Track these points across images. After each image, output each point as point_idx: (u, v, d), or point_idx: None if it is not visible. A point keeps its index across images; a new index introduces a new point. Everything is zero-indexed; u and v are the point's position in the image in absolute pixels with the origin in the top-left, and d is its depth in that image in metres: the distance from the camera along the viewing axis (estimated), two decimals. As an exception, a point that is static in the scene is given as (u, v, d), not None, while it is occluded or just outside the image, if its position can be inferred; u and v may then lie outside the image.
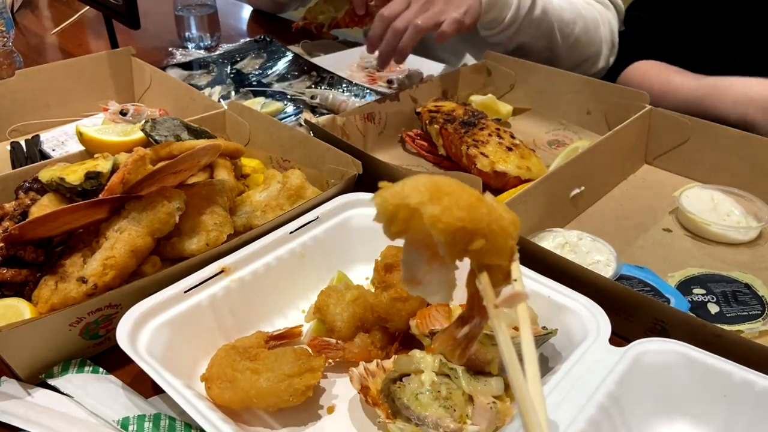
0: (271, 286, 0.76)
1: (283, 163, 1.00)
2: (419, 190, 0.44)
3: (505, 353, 0.44)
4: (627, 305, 0.71)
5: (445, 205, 0.44)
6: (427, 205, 0.43)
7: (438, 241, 0.44)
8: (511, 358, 0.43)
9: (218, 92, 1.39)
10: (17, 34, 1.72)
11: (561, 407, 0.57)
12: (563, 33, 1.38)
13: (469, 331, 0.49)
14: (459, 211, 0.44)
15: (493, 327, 0.45)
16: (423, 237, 0.46)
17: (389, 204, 0.44)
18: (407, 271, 0.48)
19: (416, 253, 0.47)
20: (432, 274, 0.48)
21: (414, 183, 0.45)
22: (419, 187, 0.44)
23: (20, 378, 0.67)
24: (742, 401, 0.60)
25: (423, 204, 0.43)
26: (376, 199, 0.44)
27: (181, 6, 1.64)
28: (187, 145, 0.88)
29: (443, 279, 0.48)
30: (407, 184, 0.45)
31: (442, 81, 1.27)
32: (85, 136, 0.95)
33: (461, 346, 0.49)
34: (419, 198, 0.44)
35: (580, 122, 1.25)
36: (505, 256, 0.46)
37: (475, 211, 0.44)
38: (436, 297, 0.49)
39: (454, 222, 0.43)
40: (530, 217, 0.89)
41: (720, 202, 0.97)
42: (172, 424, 0.62)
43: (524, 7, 1.30)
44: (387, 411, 0.61)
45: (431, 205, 0.44)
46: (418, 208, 0.44)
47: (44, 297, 0.68)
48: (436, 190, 0.44)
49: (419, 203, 0.44)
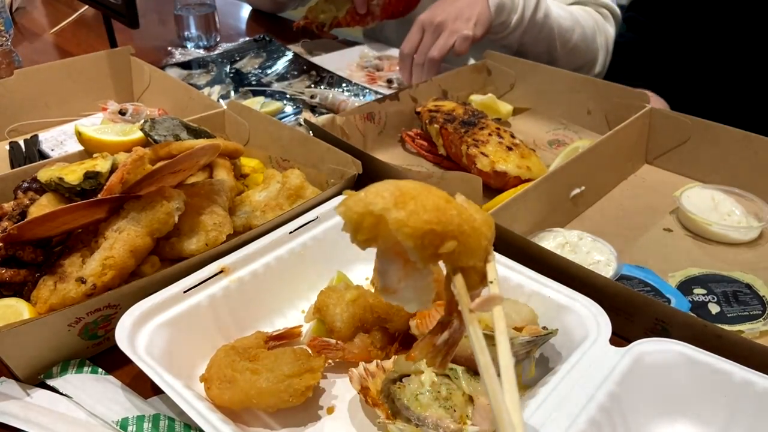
0: (270, 286, 0.76)
1: (283, 163, 1.00)
2: (382, 195, 0.43)
3: (481, 360, 0.42)
4: (627, 305, 0.71)
5: (410, 209, 0.43)
6: (391, 211, 0.43)
7: (406, 246, 0.43)
8: (486, 364, 0.42)
9: (217, 92, 1.39)
10: (16, 33, 1.72)
11: (561, 407, 0.57)
12: (562, 39, 1.41)
13: (449, 337, 0.48)
14: (425, 213, 0.43)
15: (468, 333, 0.44)
16: (393, 245, 0.45)
17: (353, 212, 0.43)
18: (382, 280, 0.47)
19: (389, 262, 0.47)
20: (407, 282, 0.47)
21: (377, 189, 0.44)
22: (382, 193, 0.43)
23: (19, 378, 0.67)
24: (742, 401, 0.59)
25: (387, 210, 0.43)
26: (340, 208, 0.44)
27: (181, 5, 1.64)
28: (186, 144, 0.88)
29: (419, 286, 0.47)
30: (371, 190, 0.44)
31: (442, 80, 1.27)
32: (84, 136, 0.94)
33: (442, 353, 0.48)
34: (383, 204, 0.43)
35: (580, 122, 1.25)
36: (479, 256, 0.46)
37: (444, 213, 0.44)
38: (412, 305, 0.48)
39: (421, 225, 0.42)
40: (530, 217, 0.89)
41: (721, 201, 0.97)
42: (172, 424, 0.61)
43: (529, 9, 1.34)
44: (387, 411, 0.60)
45: (396, 210, 0.43)
46: (383, 215, 0.43)
47: (43, 297, 0.68)
48: (400, 194, 0.43)
49: (383, 209, 0.43)
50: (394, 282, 0.47)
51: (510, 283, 0.72)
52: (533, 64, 1.30)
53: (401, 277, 0.47)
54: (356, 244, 0.45)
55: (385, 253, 0.46)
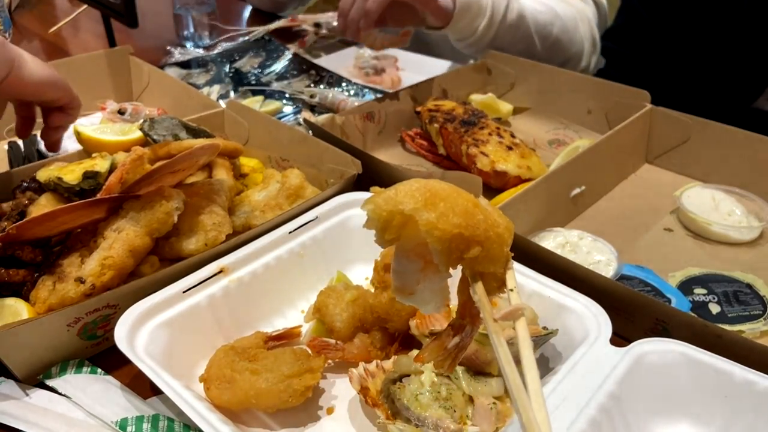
0: (270, 286, 0.76)
1: (282, 163, 1.00)
2: (413, 195, 0.43)
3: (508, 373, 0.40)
4: (628, 305, 0.71)
5: (441, 211, 0.42)
6: (422, 212, 0.42)
7: (433, 248, 0.42)
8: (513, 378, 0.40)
9: (217, 91, 1.38)
10: (15, 33, 1.71)
11: (562, 407, 0.57)
12: (541, 35, 1.36)
13: (460, 341, 0.47)
14: (455, 217, 0.42)
15: (493, 343, 0.42)
16: (415, 245, 0.45)
17: (383, 210, 0.43)
18: (399, 280, 0.47)
19: (408, 262, 0.46)
20: (425, 284, 0.46)
21: (408, 188, 0.43)
22: (413, 193, 0.43)
23: (18, 379, 0.66)
24: (743, 401, 0.59)
25: (418, 210, 0.42)
26: (368, 205, 0.43)
27: (180, 5, 1.63)
28: (185, 144, 0.88)
29: (436, 288, 0.47)
30: (401, 189, 0.43)
31: (442, 80, 1.27)
32: (83, 136, 0.94)
33: (452, 356, 0.48)
34: (414, 204, 0.42)
35: (580, 121, 1.24)
36: (501, 263, 0.45)
37: (472, 218, 0.43)
38: (429, 307, 0.47)
39: (450, 229, 0.42)
40: (530, 216, 0.89)
41: (721, 201, 0.97)
42: (171, 425, 0.61)
43: (498, 14, 1.28)
44: (387, 412, 0.60)
45: (426, 211, 0.42)
46: (412, 215, 0.42)
47: (42, 297, 0.67)
48: (431, 195, 0.43)
49: (414, 209, 0.42)
50: (413, 283, 0.46)
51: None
52: (533, 63, 1.30)
53: (420, 278, 0.46)
54: (380, 243, 0.44)
55: (407, 253, 0.46)
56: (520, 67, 1.30)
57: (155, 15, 1.84)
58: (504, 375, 0.41)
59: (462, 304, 0.47)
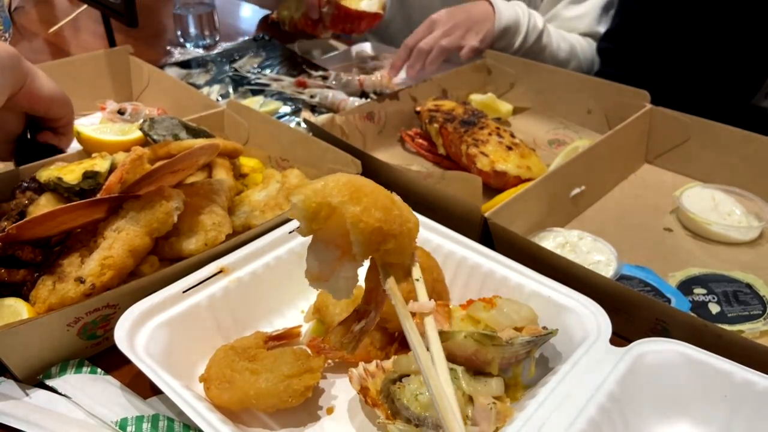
0: (270, 286, 0.76)
1: (282, 163, 1.00)
2: (341, 189, 0.46)
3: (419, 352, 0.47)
4: (628, 305, 0.71)
5: (365, 206, 0.46)
6: (348, 205, 0.46)
7: (355, 240, 0.46)
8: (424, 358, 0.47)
9: (217, 91, 1.38)
10: (15, 33, 1.71)
11: (561, 407, 0.57)
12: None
13: (364, 325, 0.53)
14: (377, 211, 0.46)
15: (404, 327, 0.48)
16: (336, 236, 0.48)
17: (312, 202, 0.46)
18: (313, 267, 0.50)
19: (327, 251, 0.50)
20: (339, 272, 0.50)
21: (336, 182, 0.47)
22: (341, 187, 0.47)
23: (18, 379, 0.66)
24: (742, 401, 0.59)
25: (344, 203, 0.46)
26: (298, 196, 0.46)
27: (180, 5, 1.63)
28: (185, 144, 0.88)
29: (349, 276, 0.51)
30: (329, 183, 0.47)
31: (441, 80, 1.27)
32: (82, 136, 0.94)
33: (356, 339, 0.53)
34: (341, 197, 0.46)
35: (580, 121, 1.24)
36: (409, 255, 0.51)
37: (390, 213, 0.47)
38: (341, 293, 0.51)
39: (372, 222, 0.46)
40: (530, 216, 0.89)
41: (721, 201, 0.97)
42: (171, 425, 0.61)
43: (532, 36, 1.41)
44: (386, 412, 0.60)
45: (352, 204, 0.46)
46: (339, 207, 0.46)
47: (42, 297, 0.67)
48: (356, 190, 0.47)
49: (341, 203, 0.46)
50: (329, 271, 0.50)
51: (510, 283, 0.72)
52: (533, 63, 1.30)
53: (336, 266, 0.50)
54: (303, 232, 0.48)
55: (327, 242, 0.49)
56: (520, 67, 1.30)
57: (155, 15, 1.84)
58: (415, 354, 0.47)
59: (369, 290, 0.52)
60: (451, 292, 0.76)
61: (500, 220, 0.80)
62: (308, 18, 1.52)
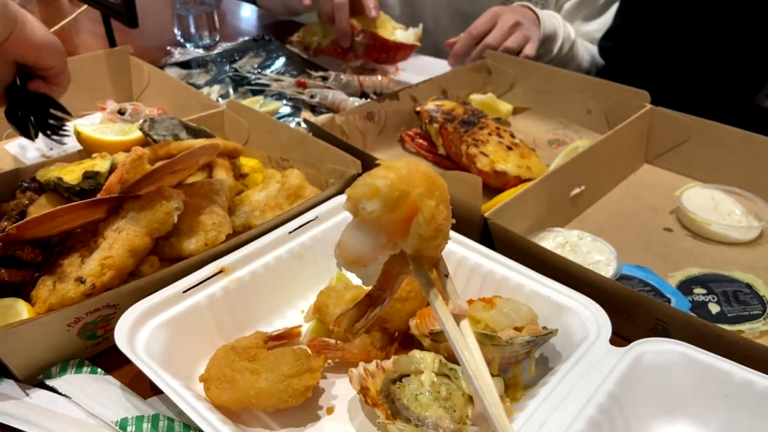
0: (270, 286, 0.76)
1: (282, 163, 1.00)
2: (421, 179, 0.43)
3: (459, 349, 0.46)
4: (627, 305, 0.71)
5: (437, 200, 0.44)
6: (425, 198, 0.43)
7: (422, 232, 0.44)
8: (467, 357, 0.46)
9: (217, 91, 1.38)
10: (15, 33, 1.71)
11: (561, 407, 0.57)
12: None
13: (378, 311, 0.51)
14: (445, 208, 0.44)
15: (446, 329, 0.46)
16: (390, 222, 0.45)
17: (397, 189, 0.42)
18: (357, 250, 0.47)
19: (375, 236, 0.46)
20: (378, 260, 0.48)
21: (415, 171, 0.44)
22: (420, 176, 0.44)
23: (18, 379, 0.66)
24: (742, 401, 0.59)
25: (422, 196, 0.43)
26: (383, 180, 0.42)
27: (180, 5, 1.63)
28: (185, 144, 0.88)
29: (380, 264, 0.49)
30: (412, 171, 0.43)
31: (441, 80, 1.27)
32: (83, 136, 0.94)
33: (366, 325, 0.51)
34: (421, 188, 0.43)
35: (580, 121, 1.24)
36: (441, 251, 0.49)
37: (449, 209, 0.46)
38: (371, 280, 0.49)
39: (440, 220, 0.44)
40: (530, 216, 0.89)
41: (721, 201, 0.97)
42: (171, 425, 0.61)
43: (565, 48, 1.45)
44: (386, 412, 0.60)
45: (429, 198, 0.43)
46: (416, 199, 0.43)
47: (42, 297, 0.67)
48: (431, 182, 0.44)
49: (420, 194, 0.43)
50: (371, 257, 0.47)
51: (510, 283, 0.72)
52: (533, 63, 1.30)
53: (379, 253, 0.47)
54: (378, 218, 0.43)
55: (378, 227, 0.46)
56: (520, 67, 1.30)
57: (155, 15, 1.84)
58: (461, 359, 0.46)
59: (386, 276, 0.49)
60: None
61: (500, 220, 0.80)
62: (338, 45, 1.46)
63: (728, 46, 1.29)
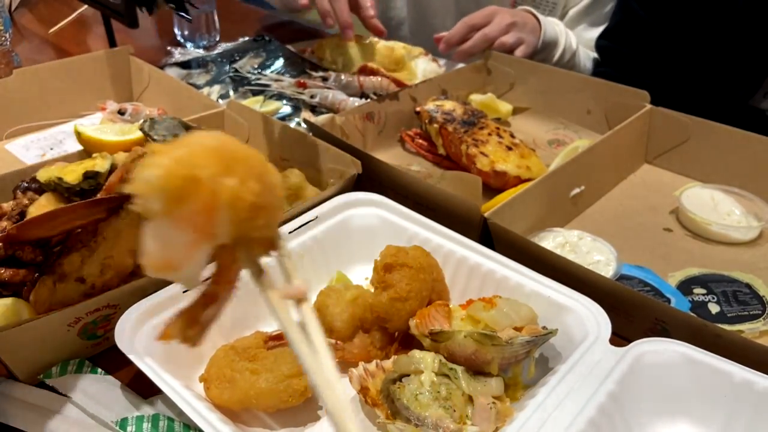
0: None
1: (282, 163, 1.00)
2: (209, 156, 0.35)
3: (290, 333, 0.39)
4: (627, 305, 0.71)
5: (240, 177, 0.36)
6: (220, 178, 0.35)
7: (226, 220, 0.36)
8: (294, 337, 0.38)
9: (217, 91, 1.38)
10: (15, 33, 1.72)
11: (561, 407, 0.57)
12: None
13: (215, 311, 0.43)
14: (254, 183, 0.36)
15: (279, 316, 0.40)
16: (190, 214, 0.36)
17: (175, 177, 0.34)
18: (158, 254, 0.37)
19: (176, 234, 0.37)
20: (192, 258, 0.39)
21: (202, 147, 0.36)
22: (209, 153, 0.36)
23: (18, 379, 0.67)
24: (742, 401, 0.59)
25: (216, 176, 0.35)
26: (153, 170, 0.34)
27: (180, 5, 1.63)
28: (185, 144, 0.88)
29: (200, 262, 0.39)
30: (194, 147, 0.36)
31: (441, 80, 1.27)
32: (83, 136, 0.94)
33: (202, 327, 0.42)
34: (211, 168, 0.35)
35: (580, 121, 1.24)
36: (275, 228, 0.41)
37: (264, 182, 0.38)
38: (191, 282, 0.40)
39: (251, 198, 0.36)
40: (530, 216, 0.89)
41: (720, 201, 0.97)
42: (171, 425, 0.61)
43: (566, 57, 1.44)
44: (386, 411, 0.60)
45: (226, 177, 0.35)
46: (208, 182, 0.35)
47: (42, 297, 0.67)
48: (228, 156, 0.36)
49: (212, 175, 0.35)
50: (180, 258, 0.38)
51: (510, 283, 0.72)
52: (533, 63, 1.30)
53: (191, 251, 0.38)
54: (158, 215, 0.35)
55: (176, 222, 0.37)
56: (520, 67, 1.30)
57: (155, 15, 1.83)
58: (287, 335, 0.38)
59: (220, 269, 0.42)
60: (451, 292, 0.76)
61: (500, 220, 0.80)
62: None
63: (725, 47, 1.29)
